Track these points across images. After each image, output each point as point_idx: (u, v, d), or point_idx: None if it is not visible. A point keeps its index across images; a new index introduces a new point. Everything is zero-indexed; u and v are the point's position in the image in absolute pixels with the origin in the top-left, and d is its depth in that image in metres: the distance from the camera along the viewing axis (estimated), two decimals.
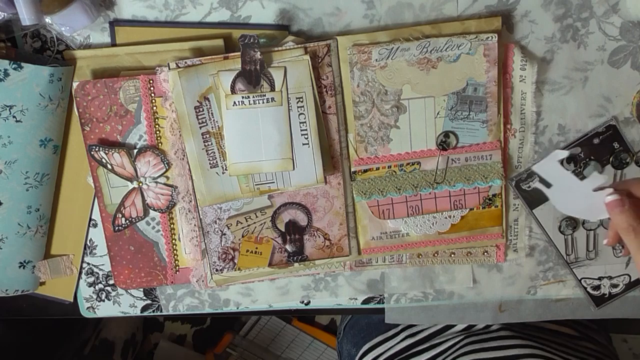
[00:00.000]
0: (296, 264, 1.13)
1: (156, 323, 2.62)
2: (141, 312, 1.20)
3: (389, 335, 1.39)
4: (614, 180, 1.11)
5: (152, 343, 2.61)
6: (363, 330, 1.46)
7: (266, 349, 2.54)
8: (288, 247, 1.12)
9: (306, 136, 1.05)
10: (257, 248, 1.12)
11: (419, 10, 1.03)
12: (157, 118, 1.07)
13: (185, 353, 2.60)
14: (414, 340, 1.35)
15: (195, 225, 1.11)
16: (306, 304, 1.20)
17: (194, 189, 1.08)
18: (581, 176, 1.06)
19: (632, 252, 0.88)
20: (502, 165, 1.09)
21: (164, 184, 1.10)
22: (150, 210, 1.12)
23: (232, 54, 1.03)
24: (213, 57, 1.03)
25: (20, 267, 1.13)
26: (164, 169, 1.09)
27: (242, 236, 1.11)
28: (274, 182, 1.08)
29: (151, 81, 1.05)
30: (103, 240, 1.14)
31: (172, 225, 1.13)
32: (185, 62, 1.03)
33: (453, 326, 1.31)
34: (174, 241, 1.13)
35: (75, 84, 1.06)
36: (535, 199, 1.12)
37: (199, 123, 1.05)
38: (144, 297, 1.20)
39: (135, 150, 1.08)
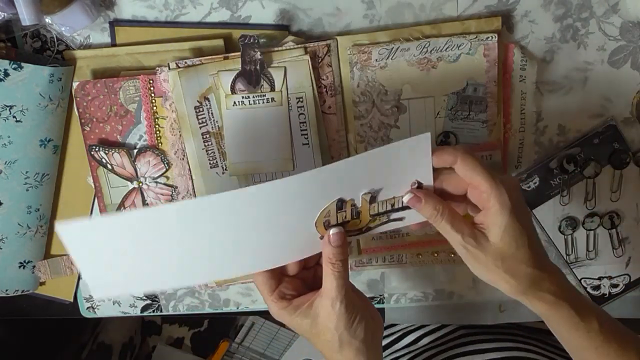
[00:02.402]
0: None
1: (154, 326, 2.62)
2: (141, 312, 1.20)
3: None
4: (612, 179, 1.12)
5: (150, 346, 2.60)
6: None
7: (263, 354, 2.55)
8: None
9: (306, 136, 1.05)
10: None
11: (419, 10, 1.04)
12: (157, 118, 1.07)
13: (183, 356, 2.60)
14: (391, 340, 1.35)
15: None
16: None
17: (194, 189, 1.08)
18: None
19: (444, 235, 0.91)
20: (502, 165, 1.09)
21: (164, 184, 1.10)
22: None
23: (232, 54, 1.03)
24: (213, 57, 1.03)
25: (20, 267, 1.13)
26: (164, 169, 1.09)
27: None
28: None
29: (151, 81, 1.05)
30: None
31: None
32: (185, 62, 1.03)
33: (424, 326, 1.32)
34: None
35: (75, 84, 1.06)
36: (535, 199, 1.12)
37: (199, 123, 1.05)
38: (144, 297, 1.19)
39: (135, 150, 1.08)
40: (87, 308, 1.20)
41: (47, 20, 1.01)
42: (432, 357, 1.20)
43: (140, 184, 1.10)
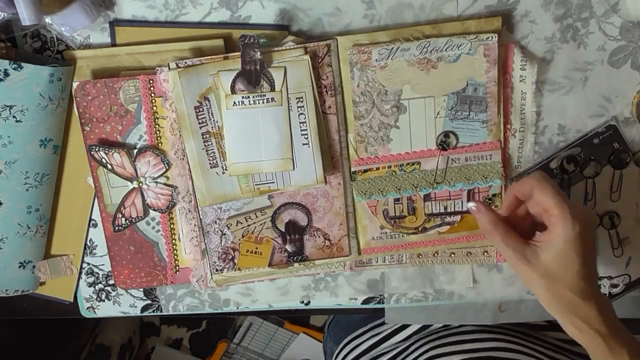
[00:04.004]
0: (296, 264, 1.13)
1: (152, 327, 2.62)
2: (141, 312, 1.20)
3: (359, 333, 1.41)
4: (612, 178, 1.12)
5: (148, 347, 2.61)
6: (344, 329, 1.48)
7: (262, 354, 2.55)
8: (288, 247, 1.12)
9: (306, 136, 1.05)
10: (257, 248, 1.12)
11: (419, 10, 1.04)
12: (157, 118, 1.07)
13: (182, 357, 2.60)
14: (378, 339, 1.36)
15: (195, 225, 1.11)
16: (306, 304, 1.20)
17: (194, 189, 1.08)
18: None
19: (496, 247, 1.07)
20: (502, 165, 1.09)
21: (164, 184, 1.10)
22: (150, 210, 1.12)
23: (232, 54, 1.03)
24: (213, 57, 1.03)
25: (20, 267, 1.13)
26: (164, 169, 1.09)
27: (242, 236, 1.11)
28: (274, 182, 1.08)
29: (151, 81, 1.05)
30: (103, 240, 1.14)
31: (172, 225, 1.13)
32: (185, 62, 1.03)
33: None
34: (174, 241, 1.13)
35: (75, 84, 1.06)
36: None
37: (199, 123, 1.05)
38: (144, 297, 1.19)
39: (135, 150, 1.08)
40: (87, 308, 1.20)
41: (47, 20, 1.01)
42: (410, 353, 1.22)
43: (140, 184, 1.10)
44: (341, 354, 1.43)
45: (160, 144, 1.08)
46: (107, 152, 1.07)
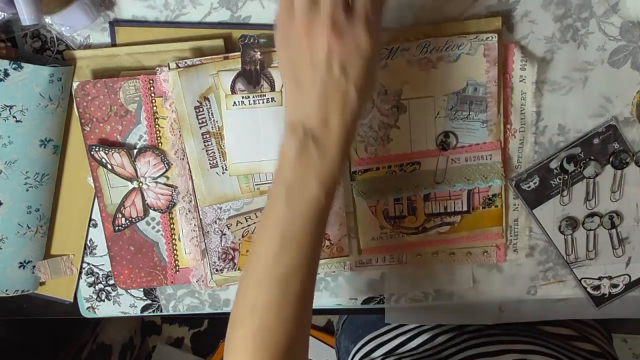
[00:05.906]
0: None
1: (154, 326, 2.62)
2: (141, 312, 1.20)
3: (383, 331, 1.40)
4: (613, 179, 1.12)
5: (150, 346, 2.61)
6: (361, 327, 1.47)
7: None
8: None
9: None
10: None
11: (419, 10, 1.03)
12: (157, 118, 1.07)
13: (183, 356, 2.60)
14: (406, 338, 1.35)
15: (195, 225, 1.11)
16: None
17: (194, 189, 1.08)
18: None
19: None
20: (502, 165, 1.09)
21: (164, 184, 1.10)
22: (150, 210, 1.12)
23: (232, 54, 1.03)
24: (213, 57, 1.03)
25: (20, 267, 1.13)
26: (164, 169, 1.09)
27: (242, 236, 1.11)
28: None
29: (151, 81, 1.05)
30: (103, 240, 1.14)
31: (172, 225, 1.13)
32: (185, 62, 1.03)
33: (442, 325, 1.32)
34: (174, 241, 1.13)
35: (75, 84, 1.06)
36: (535, 199, 1.12)
37: (199, 123, 1.05)
38: (144, 297, 1.20)
39: (135, 150, 1.08)
40: (87, 308, 1.20)
41: (47, 20, 1.02)
42: (449, 357, 1.20)
43: (140, 184, 1.10)
44: (361, 352, 1.42)
45: (160, 144, 1.08)
46: (107, 152, 1.07)
